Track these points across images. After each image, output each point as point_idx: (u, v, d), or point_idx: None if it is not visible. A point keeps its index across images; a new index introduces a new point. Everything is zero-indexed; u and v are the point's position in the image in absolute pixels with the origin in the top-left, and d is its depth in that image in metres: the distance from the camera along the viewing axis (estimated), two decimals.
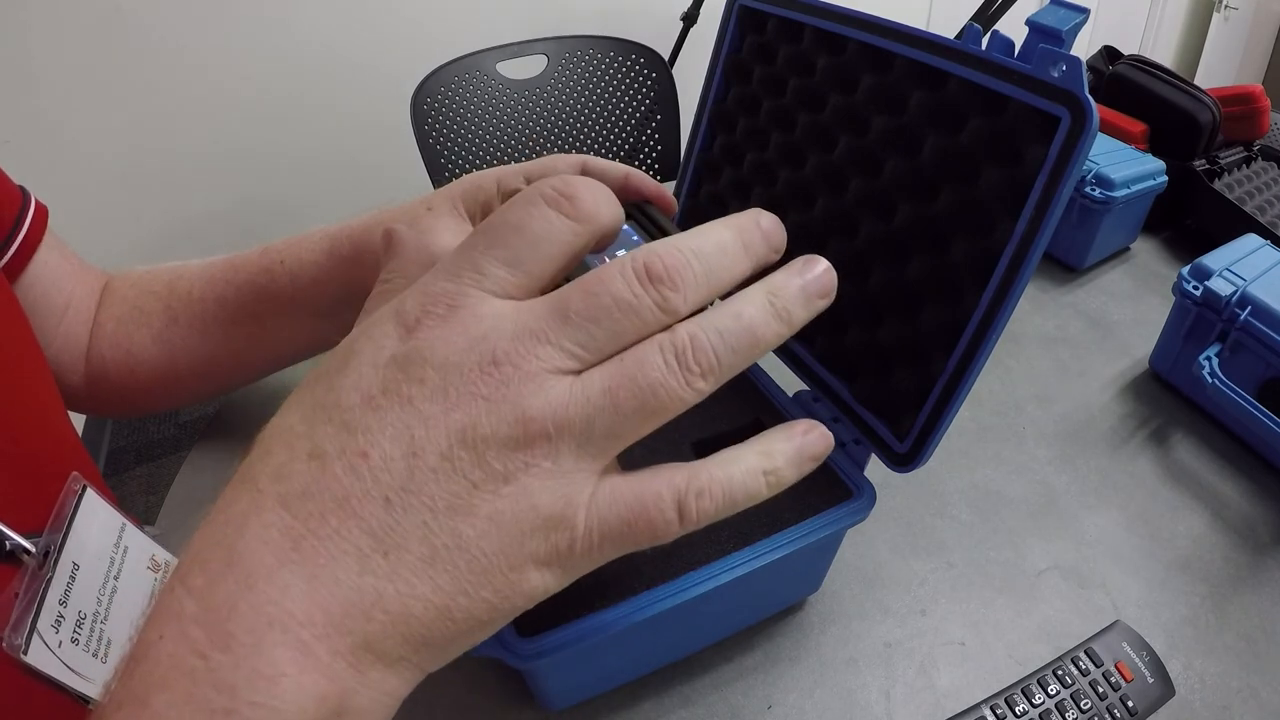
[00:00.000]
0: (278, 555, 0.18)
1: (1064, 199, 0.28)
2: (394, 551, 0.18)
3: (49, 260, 0.45)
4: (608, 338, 0.19)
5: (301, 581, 0.18)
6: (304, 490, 0.19)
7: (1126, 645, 0.40)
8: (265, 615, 0.18)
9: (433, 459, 0.18)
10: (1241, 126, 0.82)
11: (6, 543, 0.31)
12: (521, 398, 0.19)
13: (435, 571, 0.19)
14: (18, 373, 0.37)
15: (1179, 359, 0.59)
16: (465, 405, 0.19)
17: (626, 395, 0.19)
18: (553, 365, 0.19)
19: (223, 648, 0.17)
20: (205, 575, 0.18)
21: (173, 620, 0.18)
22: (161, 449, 1.55)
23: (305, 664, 0.18)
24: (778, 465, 0.22)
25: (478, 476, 0.19)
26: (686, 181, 0.48)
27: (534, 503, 0.19)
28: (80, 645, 0.33)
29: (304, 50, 1.49)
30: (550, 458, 0.19)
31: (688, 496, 0.20)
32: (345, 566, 0.18)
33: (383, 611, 0.18)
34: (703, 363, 0.20)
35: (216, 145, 1.49)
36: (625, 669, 0.38)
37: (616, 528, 0.20)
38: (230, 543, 0.18)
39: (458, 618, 0.19)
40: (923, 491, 0.50)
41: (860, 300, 0.37)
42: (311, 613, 0.18)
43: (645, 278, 0.20)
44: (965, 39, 0.31)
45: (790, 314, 0.21)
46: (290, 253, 0.45)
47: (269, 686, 0.17)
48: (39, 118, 1.30)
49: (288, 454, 0.19)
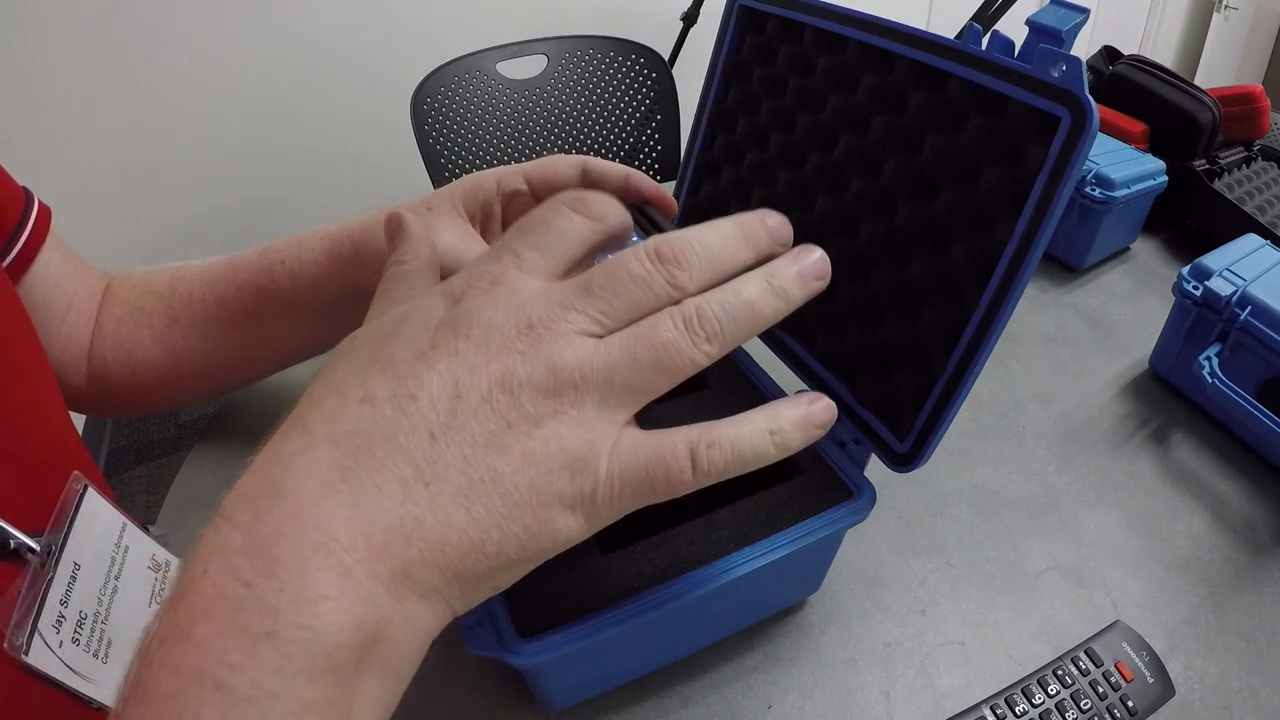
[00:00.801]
0: (325, 486, 0.20)
1: (1064, 199, 0.28)
2: (435, 482, 0.20)
3: (51, 261, 0.45)
4: (625, 307, 0.22)
5: (347, 509, 0.19)
6: (354, 428, 0.21)
7: (1126, 645, 0.40)
8: (310, 540, 0.19)
9: (474, 400, 0.21)
10: (1241, 126, 0.82)
11: (11, 541, 0.31)
12: (553, 352, 0.21)
13: (472, 503, 0.20)
14: (20, 373, 0.37)
15: (1179, 359, 0.59)
16: (504, 357, 0.21)
17: (643, 351, 0.22)
18: (579, 328, 0.22)
19: (267, 573, 0.18)
20: (253, 510, 0.19)
21: (218, 554, 0.19)
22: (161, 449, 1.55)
23: (346, 587, 0.19)
24: (783, 428, 0.24)
25: (513, 418, 0.21)
26: (686, 181, 0.48)
27: (562, 445, 0.21)
28: (81, 645, 0.33)
29: (304, 50, 1.49)
30: (576, 405, 0.22)
31: (699, 447, 0.22)
32: (389, 495, 0.20)
33: (422, 538, 0.20)
34: (708, 328, 0.22)
35: (217, 145, 1.49)
36: (625, 669, 0.38)
37: (635, 474, 0.22)
38: (278, 478, 0.20)
39: (489, 551, 0.21)
40: (923, 491, 0.50)
41: (860, 300, 0.37)
42: (355, 538, 0.19)
43: (656, 258, 0.23)
44: (965, 39, 0.31)
45: (787, 292, 0.24)
46: (290, 253, 0.45)
47: (310, 608, 0.18)
48: (39, 118, 1.30)
49: (339, 400, 0.21)
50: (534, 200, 0.44)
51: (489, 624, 0.31)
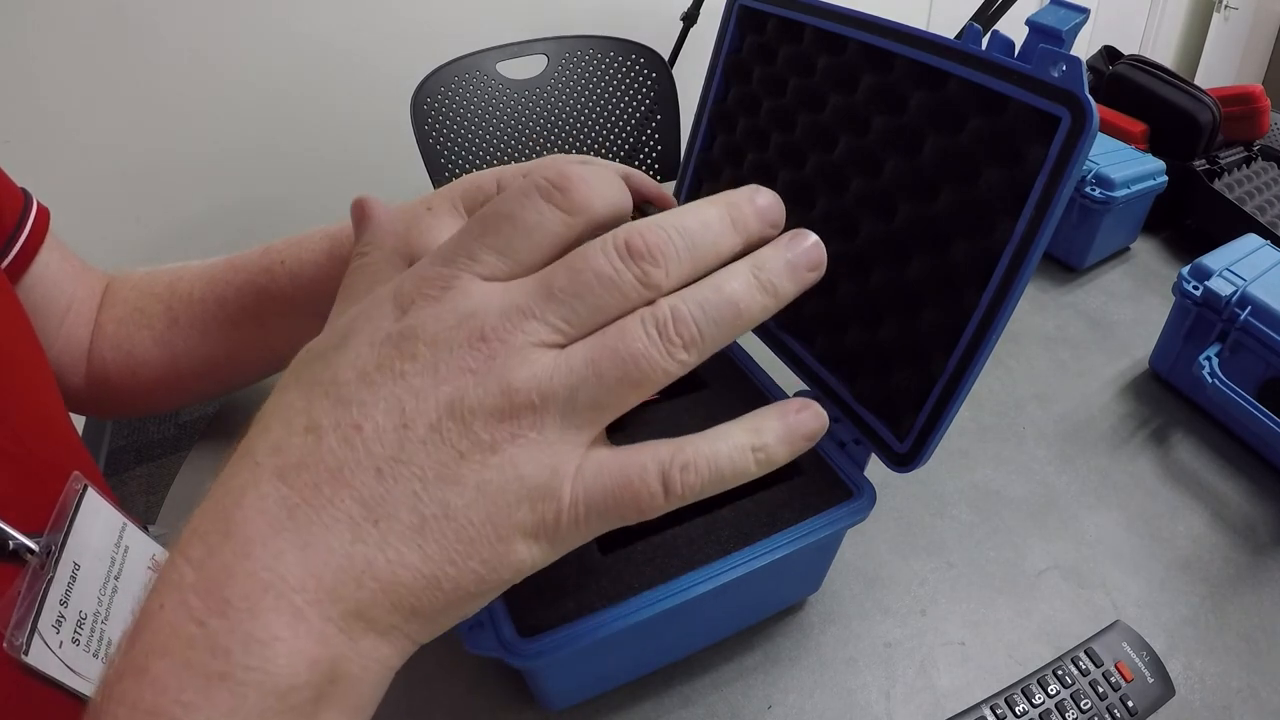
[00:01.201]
0: (273, 524, 0.19)
1: (1064, 199, 0.28)
2: (384, 520, 0.19)
3: (50, 262, 0.45)
4: (590, 312, 0.20)
5: (295, 549, 0.19)
6: (300, 462, 0.19)
7: (1126, 645, 0.40)
8: (260, 581, 0.18)
9: (422, 430, 0.19)
10: (1241, 126, 0.82)
11: (10, 542, 0.31)
12: (508, 370, 0.19)
13: (424, 540, 0.19)
14: (20, 374, 0.37)
15: (1179, 359, 0.59)
16: (454, 379, 0.19)
17: (609, 365, 0.19)
18: (538, 339, 0.20)
19: (219, 613, 0.18)
20: (204, 546, 0.19)
21: (173, 590, 0.19)
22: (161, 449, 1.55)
23: (298, 629, 0.18)
24: (767, 442, 0.22)
25: (465, 446, 0.19)
26: (686, 181, 0.48)
27: (520, 473, 0.19)
28: (81, 645, 0.33)
29: (304, 50, 1.49)
30: (536, 428, 0.20)
31: (672, 470, 0.20)
32: (338, 534, 0.19)
33: (373, 579, 0.19)
34: (684, 334, 0.20)
35: (217, 145, 1.49)
36: (625, 669, 0.38)
37: (602, 500, 0.20)
38: (228, 514, 0.19)
39: (446, 588, 0.19)
40: (923, 491, 0.50)
41: (860, 300, 0.37)
42: (305, 579, 0.18)
43: (625, 253, 0.20)
44: (965, 39, 0.31)
45: (776, 287, 0.21)
46: (291, 253, 0.45)
47: (262, 650, 0.18)
48: (39, 118, 1.30)
49: (285, 429, 0.20)
50: None
51: (489, 624, 0.31)
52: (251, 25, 1.42)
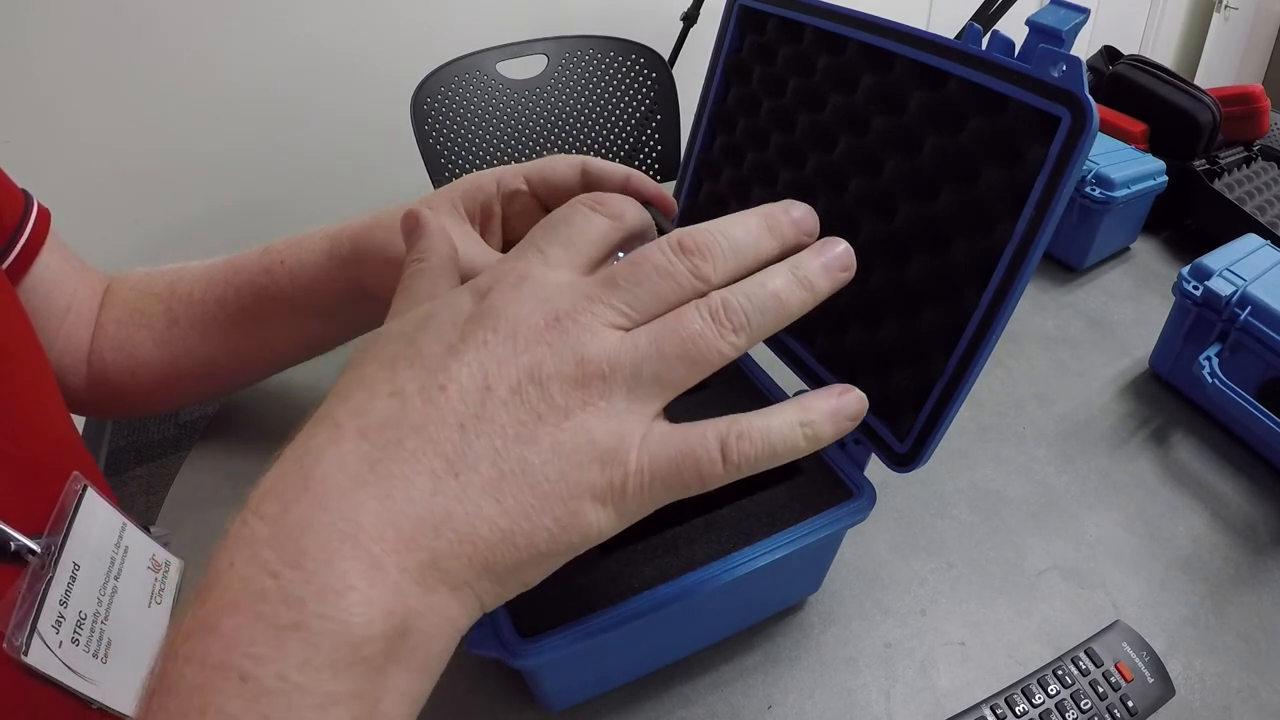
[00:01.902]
0: (354, 478, 0.19)
1: (1064, 199, 0.28)
2: (465, 473, 0.20)
3: (51, 263, 0.45)
4: (651, 299, 0.22)
5: (375, 500, 0.19)
6: (383, 421, 0.20)
7: (1126, 645, 0.40)
8: (338, 531, 0.19)
9: (504, 392, 0.21)
10: (1241, 126, 0.82)
11: (11, 544, 0.31)
12: (580, 344, 0.21)
13: (502, 494, 0.20)
14: (20, 375, 0.37)
15: (1179, 359, 0.59)
16: (533, 349, 0.21)
17: (670, 344, 0.22)
18: (606, 320, 0.22)
19: (294, 564, 0.18)
20: (280, 502, 0.19)
21: (245, 546, 0.19)
22: (161, 449, 1.56)
23: (374, 578, 0.19)
24: (814, 419, 0.24)
25: (543, 409, 0.21)
26: (686, 181, 0.48)
27: (591, 436, 0.21)
28: (80, 646, 0.33)
29: (304, 50, 1.49)
30: (605, 397, 0.21)
31: (730, 438, 0.22)
32: (419, 486, 0.20)
33: (452, 530, 0.20)
34: (734, 320, 0.22)
35: (217, 146, 1.49)
36: (625, 669, 0.38)
37: (665, 467, 0.22)
38: (307, 471, 0.20)
39: (520, 543, 0.21)
40: (923, 491, 0.50)
41: (860, 300, 0.37)
42: (383, 529, 0.19)
43: (680, 250, 0.23)
44: (965, 39, 0.31)
45: (813, 284, 0.24)
46: (290, 253, 0.45)
47: (337, 599, 0.18)
48: (39, 118, 1.30)
49: (368, 394, 0.21)
50: (534, 200, 0.44)
51: (489, 624, 0.31)
52: (251, 25, 1.42)
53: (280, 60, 1.48)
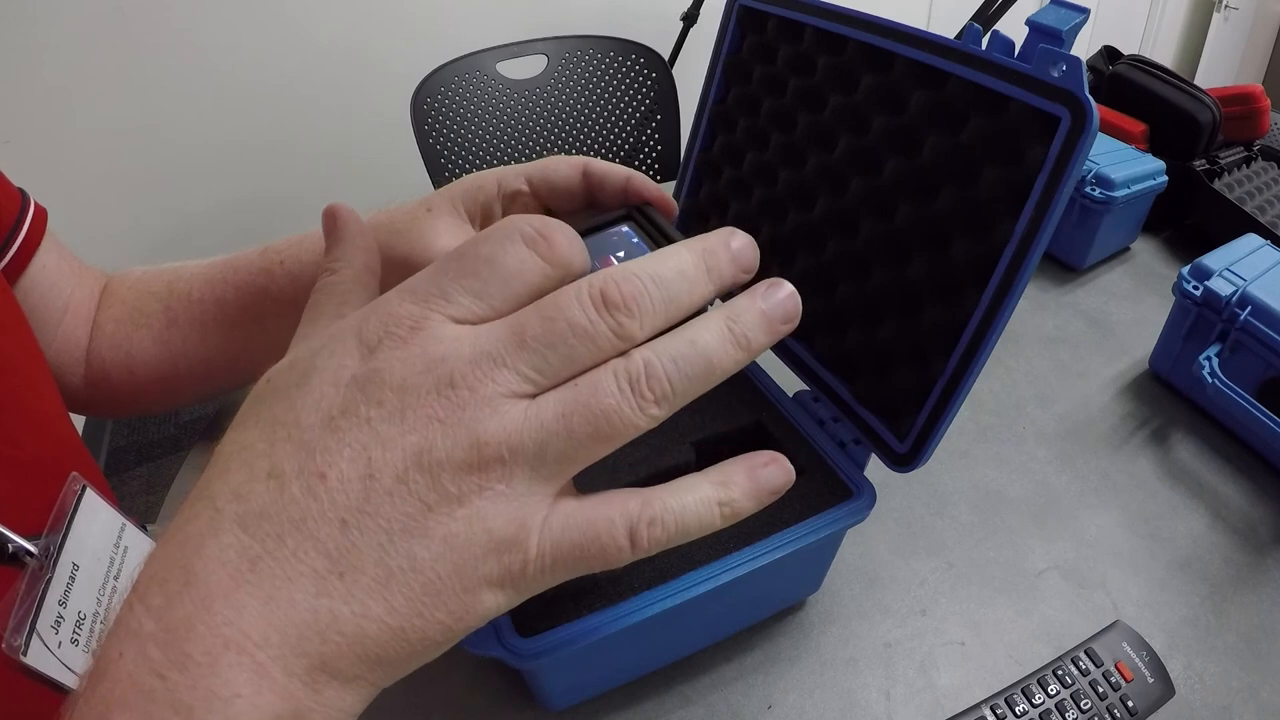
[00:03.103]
0: (234, 577, 0.18)
1: (1064, 199, 0.27)
2: (350, 573, 0.19)
3: (48, 262, 0.45)
4: (563, 362, 0.20)
5: (258, 603, 0.18)
6: (261, 510, 0.19)
7: (1126, 645, 0.40)
8: (221, 636, 0.18)
9: (388, 481, 0.19)
10: (1241, 126, 0.82)
11: (9, 545, 0.31)
12: (477, 421, 0.19)
13: (390, 593, 0.19)
14: (19, 375, 0.37)
15: (1179, 359, 0.59)
16: (421, 428, 0.19)
17: (580, 420, 0.19)
18: (508, 389, 0.19)
19: (180, 668, 0.18)
20: (164, 594, 0.18)
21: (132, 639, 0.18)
22: (161, 449, 1.56)
23: (261, 684, 0.18)
24: (734, 497, 0.22)
25: (432, 499, 0.19)
26: (687, 182, 0.48)
27: (487, 526, 0.19)
28: (80, 646, 0.33)
29: (304, 50, 1.49)
30: (504, 480, 0.19)
31: (639, 525, 0.20)
32: (302, 588, 0.18)
33: (338, 633, 0.19)
34: (656, 390, 0.20)
35: (216, 146, 1.49)
36: (625, 669, 0.38)
37: (568, 551, 0.20)
38: (188, 562, 0.19)
39: (412, 638, 0.19)
40: (923, 491, 0.50)
41: (860, 300, 0.37)
42: (267, 634, 0.18)
43: (601, 304, 0.20)
44: (965, 39, 0.31)
45: (749, 341, 0.21)
46: (290, 253, 0.45)
47: (224, 707, 0.17)
48: (39, 117, 1.30)
49: (247, 473, 0.19)
50: (535, 201, 0.44)
51: (489, 624, 0.31)
52: (250, 26, 1.42)
53: (279, 60, 1.48)
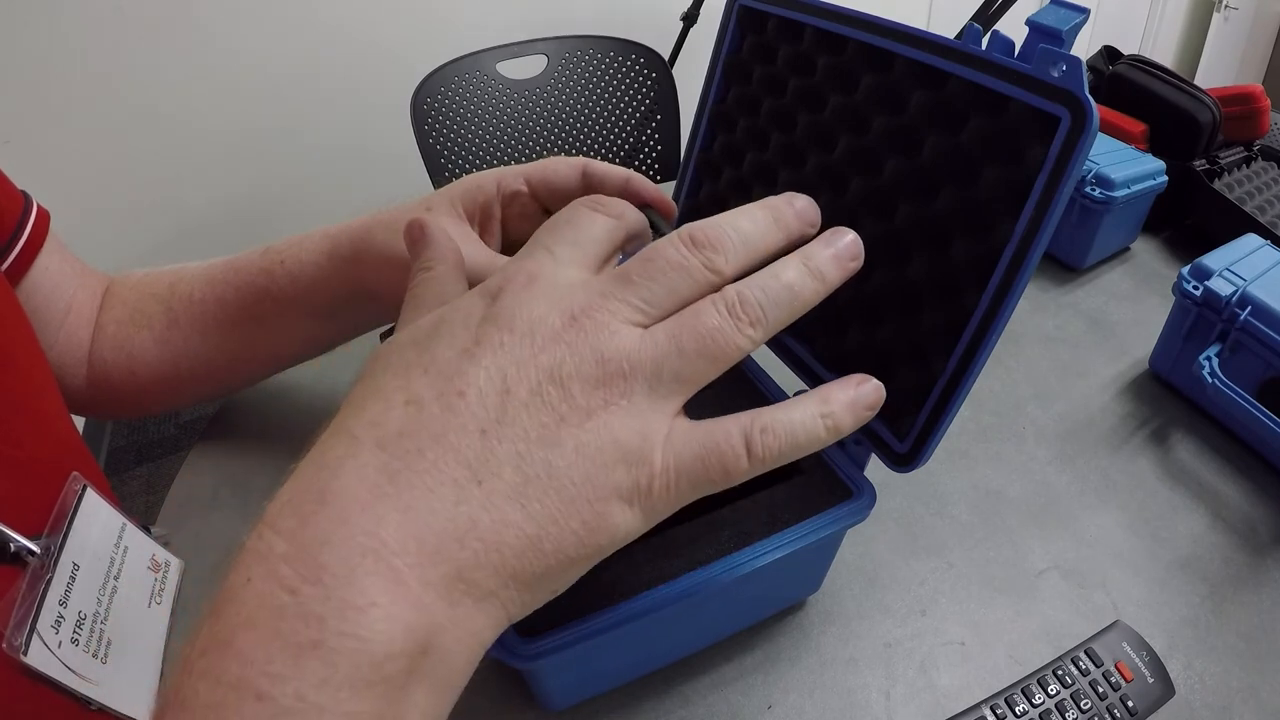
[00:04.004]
0: (373, 490, 0.19)
1: (1064, 199, 0.28)
2: (488, 480, 0.20)
3: (50, 264, 0.45)
4: (666, 294, 0.22)
5: (397, 513, 0.19)
6: (401, 430, 0.20)
7: (1126, 645, 0.40)
8: (358, 546, 0.18)
9: (524, 394, 0.20)
10: (1241, 126, 0.82)
11: (11, 544, 0.31)
12: (599, 342, 0.21)
13: (527, 499, 0.20)
14: (20, 376, 0.37)
15: (1179, 359, 0.59)
16: (551, 349, 0.21)
17: (689, 339, 0.22)
18: (624, 317, 0.22)
19: (313, 580, 0.18)
20: (297, 516, 0.19)
21: (261, 561, 0.18)
22: (161, 449, 1.56)
23: (396, 593, 0.18)
24: (834, 410, 0.24)
25: (565, 410, 0.21)
26: (687, 182, 0.48)
27: (615, 436, 0.21)
28: (80, 646, 0.33)
29: (303, 50, 1.49)
30: (626, 395, 0.21)
31: (754, 433, 0.22)
32: (441, 496, 0.19)
33: (477, 539, 0.19)
34: (750, 313, 0.22)
35: (217, 146, 1.49)
36: (625, 669, 0.38)
37: (691, 464, 0.22)
38: (323, 484, 0.19)
39: (547, 549, 0.20)
40: (923, 491, 0.50)
41: (860, 300, 0.37)
42: (405, 542, 0.19)
43: (691, 244, 0.23)
44: (965, 39, 0.31)
45: (824, 274, 0.24)
46: (291, 253, 0.45)
47: (358, 616, 0.18)
48: (39, 118, 1.30)
49: (383, 404, 0.21)
50: (534, 201, 0.44)
51: None
52: (250, 25, 1.42)
53: (279, 60, 1.48)
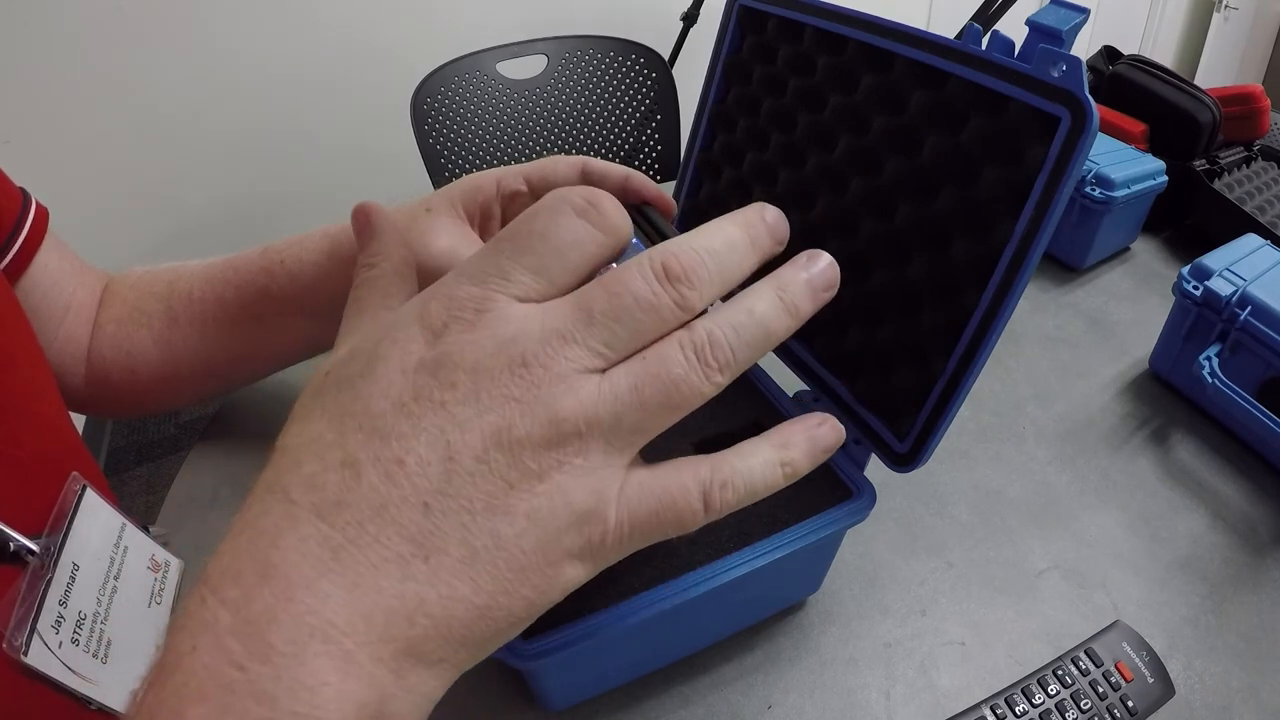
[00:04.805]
0: (316, 566, 0.18)
1: (1064, 199, 0.28)
2: (434, 555, 0.19)
3: (49, 262, 0.45)
4: (630, 336, 0.20)
5: (342, 591, 0.18)
6: (339, 499, 0.19)
7: (1126, 645, 0.40)
8: (306, 625, 0.18)
9: (469, 462, 0.19)
10: (1241, 126, 0.82)
11: (11, 544, 0.31)
12: (553, 398, 0.19)
13: (476, 572, 0.19)
14: (19, 374, 0.37)
15: (1179, 359, 0.59)
16: (499, 408, 0.19)
17: (652, 391, 0.20)
18: (581, 365, 0.20)
19: (262, 659, 0.17)
20: (240, 587, 0.18)
21: (206, 631, 0.18)
22: (161, 449, 1.56)
23: (348, 671, 0.18)
24: (793, 457, 0.23)
25: (514, 476, 0.19)
26: (686, 182, 0.48)
27: (568, 499, 0.20)
28: (80, 646, 0.33)
29: (303, 50, 1.49)
30: (581, 455, 0.20)
31: (712, 489, 0.21)
32: (387, 574, 0.18)
33: (425, 616, 0.19)
34: (720, 358, 0.21)
35: (217, 146, 1.49)
36: (625, 669, 0.38)
37: (645, 519, 0.21)
38: (264, 555, 0.18)
39: (497, 616, 0.20)
40: (923, 491, 0.50)
41: (860, 300, 0.37)
42: (354, 621, 0.18)
43: (664, 277, 0.20)
44: (965, 39, 0.31)
45: (798, 308, 0.22)
46: (291, 253, 0.45)
47: (310, 696, 0.17)
48: (39, 118, 1.30)
49: (319, 463, 0.19)
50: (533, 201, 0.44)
51: None
52: (250, 25, 1.42)
53: (279, 60, 1.48)
